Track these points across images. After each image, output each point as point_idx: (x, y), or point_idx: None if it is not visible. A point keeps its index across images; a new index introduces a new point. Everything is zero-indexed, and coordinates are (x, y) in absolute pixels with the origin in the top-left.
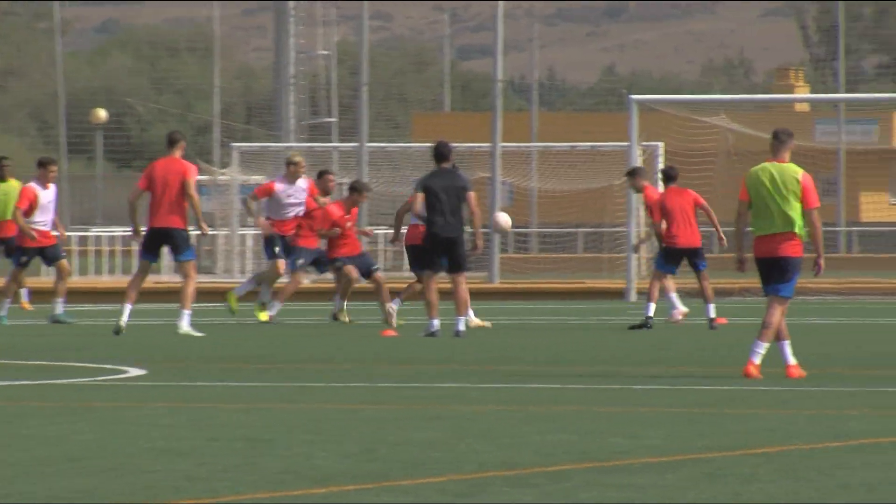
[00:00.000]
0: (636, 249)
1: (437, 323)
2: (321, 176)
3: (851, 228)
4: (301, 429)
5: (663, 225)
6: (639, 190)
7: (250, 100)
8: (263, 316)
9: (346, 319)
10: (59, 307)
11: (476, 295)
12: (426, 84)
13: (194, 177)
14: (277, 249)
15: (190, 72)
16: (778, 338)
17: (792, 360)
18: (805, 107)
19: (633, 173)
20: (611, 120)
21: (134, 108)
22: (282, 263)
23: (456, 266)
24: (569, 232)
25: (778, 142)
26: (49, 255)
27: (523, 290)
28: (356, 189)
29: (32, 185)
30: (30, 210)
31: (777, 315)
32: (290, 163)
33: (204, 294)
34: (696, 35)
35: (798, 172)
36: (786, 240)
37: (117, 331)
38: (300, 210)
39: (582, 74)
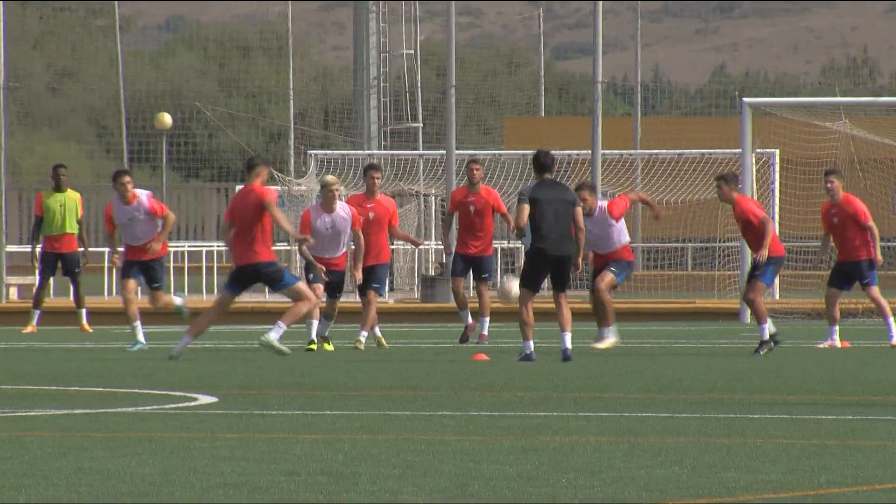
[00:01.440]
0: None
1: (531, 345)
2: (366, 172)
3: None
4: (387, 462)
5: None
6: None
7: (328, 103)
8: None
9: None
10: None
11: (574, 316)
12: (519, 86)
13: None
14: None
15: (262, 73)
16: None
17: None
18: None
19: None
20: (722, 125)
21: (202, 113)
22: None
23: (562, 284)
24: (677, 247)
25: None
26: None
27: (627, 311)
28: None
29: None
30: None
31: None
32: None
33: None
34: (814, 32)
35: None
36: None
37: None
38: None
39: (690, 75)
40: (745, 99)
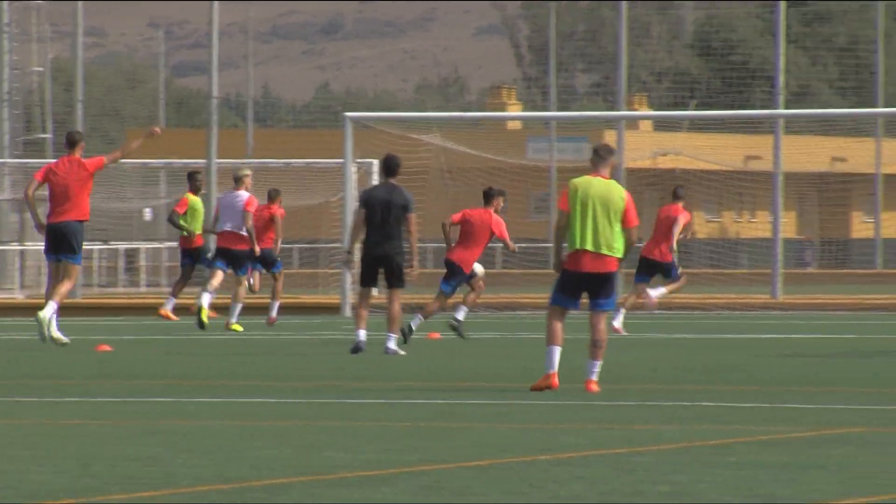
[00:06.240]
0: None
1: (362, 334)
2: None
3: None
4: (16, 444)
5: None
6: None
7: None
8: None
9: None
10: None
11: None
12: (141, 101)
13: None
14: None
15: None
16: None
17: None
18: (517, 125)
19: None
20: (326, 137)
21: None
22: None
23: (393, 281)
24: (284, 248)
25: (598, 158)
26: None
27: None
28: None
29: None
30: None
31: (605, 329)
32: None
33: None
34: (409, 53)
35: (623, 192)
36: (607, 256)
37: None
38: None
39: (297, 92)
40: (347, 114)
